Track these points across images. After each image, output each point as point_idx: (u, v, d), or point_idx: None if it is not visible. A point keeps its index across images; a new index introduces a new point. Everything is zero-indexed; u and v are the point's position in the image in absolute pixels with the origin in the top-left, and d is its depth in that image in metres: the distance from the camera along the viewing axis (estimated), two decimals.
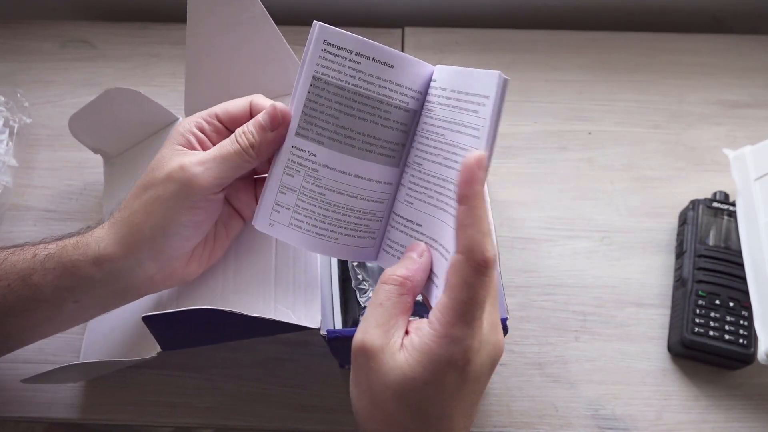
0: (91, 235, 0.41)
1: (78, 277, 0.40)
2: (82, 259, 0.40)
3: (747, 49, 0.69)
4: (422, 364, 0.32)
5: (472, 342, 0.32)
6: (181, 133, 0.41)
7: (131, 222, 0.40)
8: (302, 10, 0.72)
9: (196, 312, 0.37)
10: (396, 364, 0.33)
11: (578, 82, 0.67)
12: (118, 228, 0.40)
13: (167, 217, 0.39)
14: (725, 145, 0.60)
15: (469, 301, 0.32)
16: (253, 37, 0.49)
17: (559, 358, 0.52)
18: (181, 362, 0.51)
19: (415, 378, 0.32)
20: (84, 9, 0.75)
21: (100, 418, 0.50)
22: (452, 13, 0.73)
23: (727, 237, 0.54)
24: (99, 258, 0.40)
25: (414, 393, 0.33)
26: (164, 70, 0.67)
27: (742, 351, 0.49)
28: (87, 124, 0.54)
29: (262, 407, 0.50)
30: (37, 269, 0.40)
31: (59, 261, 0.40)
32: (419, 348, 0.33)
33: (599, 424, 0.50)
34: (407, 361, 0.33)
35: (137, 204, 0.40)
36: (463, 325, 0.32)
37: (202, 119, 0.42)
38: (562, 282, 0.55)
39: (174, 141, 0.41)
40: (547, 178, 0.61)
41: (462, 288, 0.32)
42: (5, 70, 0.67)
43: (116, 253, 0.40)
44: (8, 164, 0.58)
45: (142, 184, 0.40)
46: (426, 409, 0.33)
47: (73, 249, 0.40)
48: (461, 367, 0.32)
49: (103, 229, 0.41)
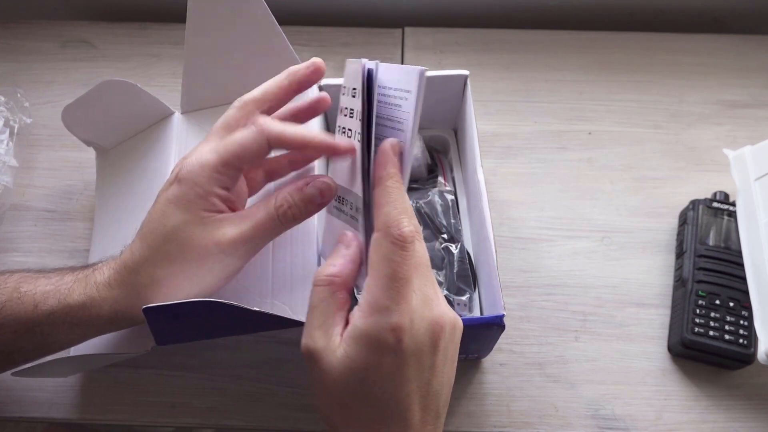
0: (98, 294, 0.39)
1: (91, 329, 0.41)
2: (95, 319, 0.39)
3: (747, 49, 0.69)
4: (357, 350, 0.33)
5: (401, 318, 0.32)
6: (201, 195, 0.38)
7: (157, 289, 0.38)
8: (302, 10, 0.72)
9: (198, 304, 0.37)
10: (338, 359, 0.33)
11: (578, 82, 0.67)
12: (137, 292, 0.38)
13: (204, 286, 0.39)
14: (725, 145, 0.60)
15: (392, 276, 0.33)
16: (253, 33, 0.48)
17: (559, 358, 0.52)
18: (181, 362, 0.51)
19: (355, 365, 0.33)
20: (84, 9, 0.75)
21: (100, 418, 0.50)
22: (452, 13, 0.73)
23: (727, 237, 0.54)
24: (114, 318, 0.39)
25: (358, 380, 0.33)
26: (164, 70, 0.67)
27: (742, 351, 0.49)
28: (80, 117, 0.53)
29: (262, 407, 0.50)
30: (44, 322, 0.39)
31: (66, 319, 0.39)
32: (352, 334, 0.33)
33: (599, 424, 0.50)
34: (346, 351, 0.33)
35: (162, 273, 0.38)
36: (387, 300, 0.32)
37: (220, 174, 0.38)
38: (562, 282, 0.55)
39: (194, 204, 0.38)
40: (547, 178, 0.61)
41: (381, 263, 0.33)
42: (5, 70, 0.67)
43: (136, 314, 0.38)
44: (8, 164, 0.58)
45: (164, 253, 0.38)
46: (374, 393, 0.33)
47: (81, 310, 0.39)
48: (394, 346, 0.32)
49: (113, 290, 0.39)
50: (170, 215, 0.38)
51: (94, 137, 0.55)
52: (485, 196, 0.47)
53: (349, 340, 0.33)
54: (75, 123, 0.53)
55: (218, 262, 0.38)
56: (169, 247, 0.38)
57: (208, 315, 0.39)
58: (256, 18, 0.48)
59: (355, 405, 0.34)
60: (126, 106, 0.52)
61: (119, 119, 0.54)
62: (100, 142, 0.56)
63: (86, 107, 0.52)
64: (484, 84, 0.66)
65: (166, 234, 0.38)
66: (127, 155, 0.55)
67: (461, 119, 0.55)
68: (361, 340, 0.33)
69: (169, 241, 0.38)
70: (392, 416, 0.34)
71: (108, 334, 0.46)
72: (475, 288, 0.50)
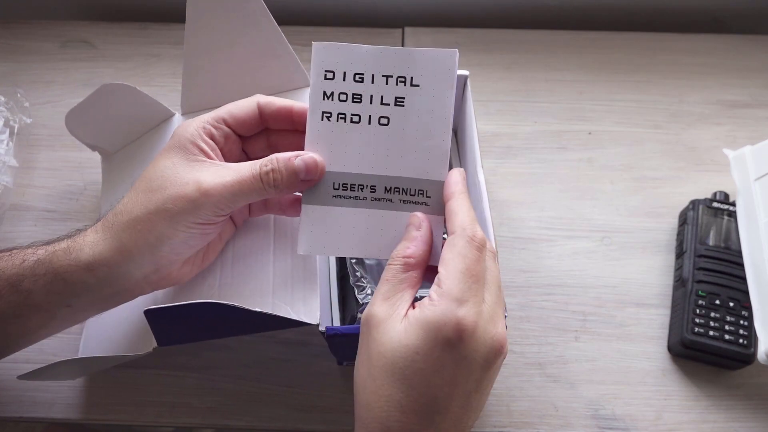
0: (83, 239, 0.40)
1: (70, 282, 0.39)
2: (74, 265, 0.39)
3: (747, 49, 0.69)
4: (416, 332, 0.33)
5: (467, 316, 0.32)
6: (190, 140, 0.39)
7: (133, 228, 0.39)
8: (302, 10, 0.72)
9: (199, 306, 0.37)
10: (395, 333, 0.33)
11: (578, 82, 0.67)
12: (116, 233, 0.39)
13: (176, 229, 0.38)
14: (725, 145, 0.60)
15: (465, 271, 0.33)
16: (251, 33, 0.48)
17: (559, 358, 0.52)
18: (181, 362, 0.51)
19: (408, 346, 0.33)
20: (84, 9, 0.75)
21: (100, 418, 0.50)
22: (452, 13, 0.73)
23: (727, 237, 0.54)
24: (93, 263, 0.39)
25: (403, 361, 0.33)
26: (164, 70, 0.67)
27: (742, 351, 0.49)
28: (84, 121, 0.53)
29: (262, 407, 0.50)
30: (27, 275, 0.39)
31: (50, 267, 0.39)
32: (417, 316, 0.33)
33: (599, 424, 0.50)
34: (405, 329, 0.33)
35: (140, 210, 0.39)
36: (458, 292, 0.33)
37: (209, 124, 0.40)
38: (562, 282, 0.55)
39: (182, 149, 0.39)
40: (547, 178, 0.61)
41: (456, 259, 0.34)
42: (5, 70, 0.67)
43: (112, 258, 0.39)
44: (8, 164, 0.58)
45: (147, 190, 0.39)
46: (412, 380, 0.33)
47: (64, 254, 0.39)
48: (453, 342, 0.32)
49: (97, 233, 0.40)
50: (159, 161, 0.40)
51: (98, 141, 0.55)
52: (486, 196, 0.47)
53: (412, 320, 0.33)
54: (78, 127, 0.54)
55: (194, 205, 0.38)
56: (151, 184, 0.39)
57: (209, 316, 0.39)
58: (255, 18, 0.48)
59: (388, 385, 0.33)
60: (127, 109, 0.53)
61: (121, 122, 0.54)
62: (104, 146, 0.56)
63: (88, 111, 0.52)
64: (484, 84, 0.66)
65: (152, 175, 0.39)
66: (130, 158, 0.55)
67: (461, 119, 0.55)
68: (423, 324, 0.33)
69: (153, 179, 0.39)
70: (422, 412, 0.33)
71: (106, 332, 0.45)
72: None
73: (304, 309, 0.42)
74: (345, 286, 0.49)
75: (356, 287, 0.47)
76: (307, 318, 0.41)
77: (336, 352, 0.47)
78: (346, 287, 0.49)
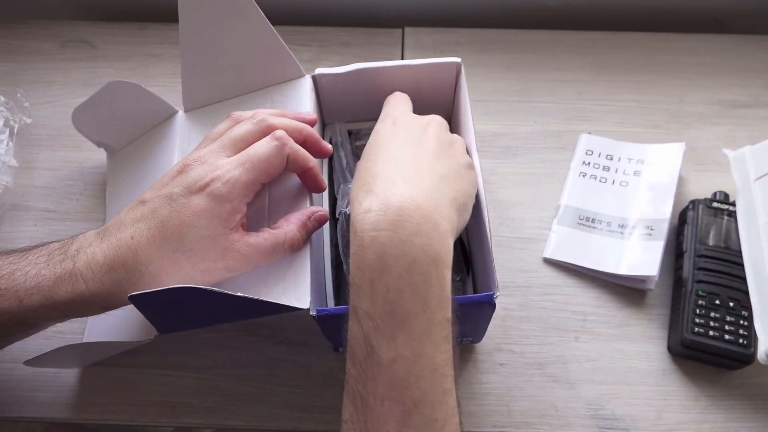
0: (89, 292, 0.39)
1: (79, 316, 0.41)
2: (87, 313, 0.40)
3: (747, 49, 0.69)
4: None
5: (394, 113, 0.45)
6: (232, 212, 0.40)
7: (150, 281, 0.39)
8: (302, 10, 0.72)
9: (181, 290, 0.37)
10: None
11: (578, 82, 0.67)
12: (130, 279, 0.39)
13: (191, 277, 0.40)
14: (725, 145, 0.60)
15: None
16: (241, 27, 0.49)
17: (559, 358, 0.52)
18: (181, 362, 0.51)
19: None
20: (84, 9, 0.75)
21: (100, 418, 0.50)
22: (452, 13, 0.73)
23: (727, 237, 0.54)
24: (109, 308, 0.40)
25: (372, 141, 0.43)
26: (164, 70, 0.67)
27: (742, 351, 0.49)
28: (90, 118, 0.54)
29: (262, 407, 0.50)
30: (29, 316, 0.39)
31: (55, 313, 0.39)
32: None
33: (599, 424, 0.50)
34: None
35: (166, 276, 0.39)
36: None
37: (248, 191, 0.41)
38: (562, 282, 0.55)
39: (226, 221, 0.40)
40: (547, 178, 0.61)
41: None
42: (5, 70, 0.67)
43: (124, 297, 0.38)
44: (8, 164, 0.58)
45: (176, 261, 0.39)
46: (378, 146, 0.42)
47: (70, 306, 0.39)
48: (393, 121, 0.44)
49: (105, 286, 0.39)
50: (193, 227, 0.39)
51: (103, 138, 0.57)
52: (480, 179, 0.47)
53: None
54: (85, 125, 0.55)
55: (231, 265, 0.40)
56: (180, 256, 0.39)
57: (195, 301, 0.40)
58: (244, 12, 0.48)
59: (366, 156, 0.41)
60: (132, 106, 0.54)
61: (126, 119, 0.55)
62: (109, 143, 0.57)
63: (95, 108, 0.54)
64: (484, 84, 0.66)
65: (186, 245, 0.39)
66: (135, 155, 0.56)
67: (455, 108, 0.55)
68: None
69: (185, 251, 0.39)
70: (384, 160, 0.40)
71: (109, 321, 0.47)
72: (468, 272, 0.50)
73: (296, 294, 0.42)
74: (340, 274, 0.49)
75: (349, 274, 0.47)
76: (297, 302, 0.41)
77: (330, 335, 0.47)
78: (340, 275, 0.49)
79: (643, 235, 0.55)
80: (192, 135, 0.53)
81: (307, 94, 0.51)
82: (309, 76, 0.52)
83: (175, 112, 0.55)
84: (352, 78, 0.51)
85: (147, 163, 0.54)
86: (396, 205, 0.35)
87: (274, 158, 0.41)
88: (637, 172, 0.60)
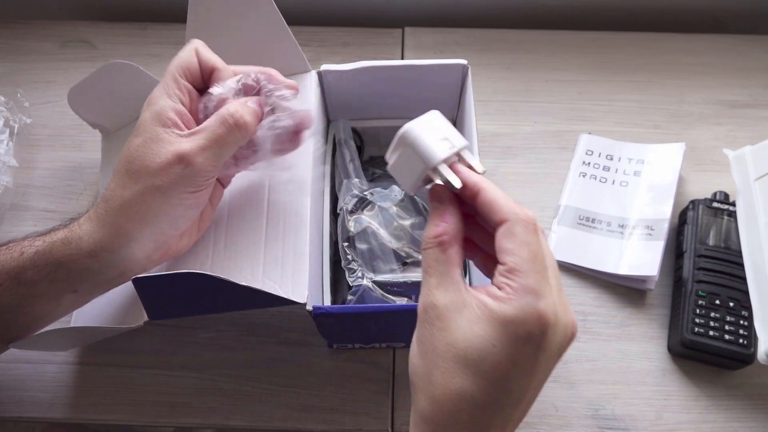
0: (80, 229, 0.41)
1: (74, 270, 0.40)
2: (75, 253, 0.40)
3: (747, 49, 0.69)
4: (494, 326, 0.30)
5: (547, 307, 0.30)
6: (162, 113, 0.41)
7: (128, 211, 0.40)
8: (302, 10, 0.72)
9: (186, 276, 0.38)
10: (465, 323, 0.31)
11: (578, 82, 0.67)
12: (112, 218, 0.40)
13: (171, 204, 0.40)
14: (725, 145, 0.60)
15: (533, 261, 0.31)
16: (252, 16, 0.49)
17: None
18: (181, 362, 0.51)
19: (484, 338, 0.30)
20: (84, 9, 0.75)
21: (100, 418, 0.50)
22: (452, 13, 0.73)
23: (727, 237, 0.54)
24: (95, 251, 0.40)
25: (478, 353, 0.30)
26: (164, 70, 0.66)
27: (742, 351, 0.49)
28: (86, 98, 0.54)
29: (262, 407, 0.50)
30: (28, 267, 0.40)
31: (50, 257, 0.40)
32: (495, 310, 0.31)
33: (599, 424, 0.50)
34: (479, 320, 0.31)
35: (130, 194, 0.40)
36: (534, 282, 0.31)
37: (179, 91, 0.42)
38: (562, 282, 0.55)
39: (157, 123, 0.40)
40: (547, 178, 0.61)
41: (521, 248, 0.31)
42: (5, 70, 0.67)
43: (113, 243, 0.40)
44: (8, 164, 0.58)
45: (130, 171, 0.40)
46: (488, 373, 0.31)
47: (63, 245, 0.40)
48: (538, 338, 0.30)
49: (92, 222, 0.40)
50: (133, 141, 0.41)
51: (98, 119, 0.56)
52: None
53: (488, 313, 0.31)
54: (80, 104, 0.55)
55: (182, 175, 0.39)
56: (133, 165, 0.40)
57: (196, 288, 0.40)
58: (258, 4, 0.48)
59: (462, 377, 0.31)
60: (128, 87, 0.53)
61: (122, 101, 0.55)
62: (104, 125, 0.57)
63: (91, 89, 0.53)
64: (484, 84, 0.66)
65: (131, 156, 0.40)
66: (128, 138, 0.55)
67: (461, 109, 0.55)
68: (502, 319, 0.30)
69: (132, 160, 0.40)
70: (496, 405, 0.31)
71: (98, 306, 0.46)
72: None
73: (293, 287, 0.42)
74: (338, 270, 0.49)
75: (347, 270, 0.48)
76: (295, 296, 0.41)
77: (325, 332, 0.47)
78: (338, 271, 0.49)
79: (643, 235, 0.55)
80: None
81: (312, 89, 0.51)
82: (314, 71, 0.52)
83: None
84: (357, 76, 0.51)
85: None
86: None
87: (183, 53, 0.43)
88: (637, 172, 0.60)
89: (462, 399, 0.31)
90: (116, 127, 0.57)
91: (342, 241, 0.49)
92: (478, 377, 0.30)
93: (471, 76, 0.52)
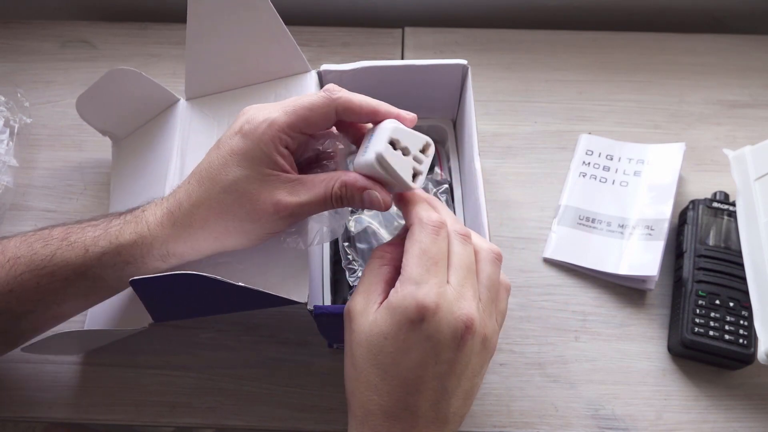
0: (151, 233, 0.41)
1: (143, 270, 0.42)
2: (147, 259, 0.41)
3: (747, 49, 0.69)
4: (384, 318, 0.34)
5: (427, 297, 0.33)
6: (265, 152, 0.38)
7: (209, 234, 0.40)
8: (302, 10, 0.72)
9: (183, 277, 0.38)
10: (368, 322, 0.35)
11: (578, 82, 0.67)
12: (190, 234, 0.40)
13: (249, 240, 0.41)
14: (725, 145, 0.60)
15: (420, 255, 0.35)
16: (251, 18, 0.49)
17: (559, 358, 0.52)
18: (181, 362, 0.51)
19: (377, 331, 0.34)
20: (84, 9, 0.75)
21: (100, 418, 0.50)
22: (452, 13, 0.73)
23: (727, 237, 0.54)
24: (166, 256, 0.41)
25: (377, 347, 0.34)
26: (164, 70, 0.67)
27: (742, 351, 0.49)
28: (93, 105, 0.55)
29: (262, 407, 0.50)
30: (94, 264, 0.41)
31: (117, 260, 0.41)
32: (385, 305, 0.35)
33: (599, 424, 0.50)
34: (376, 317, 0.35)
35: (215, 221, 0.39)
36: (417, 275, 0.34)
37: (285, 134, 0.39)
38: (562, 282, 0.55)
39: (258, 161, 0.38)
40: (547, 178, 0.61)
41: (413, 245, 0.35)
42: (5, 70, 0.67)
43: (185, 254, 0.41)
44: (8, 164, 0.58)
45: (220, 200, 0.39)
46: (384, 363, 0.34)
47: (132, 248, 0.41)
48: (415, 323, 0.33)
49: (165, 229, 0.40)
50: (232, 167, 0.39)
51: (107, 126, 0.57)
52: (481, 182, 0.47)
53: (381, 309, 0.35)
54: (88, 112, 0.55)
55: (268, 222, 0.39)
56: (226, 197, 0.39)
57: (195, 289, 0.40)
58: (254, 4, 0.48)
59: (368, 371, 0.35)
60: (134, 93, 0.54)
61: (128, 107, 0.55)
62: (113, 131, 0.58)
63: (97, 96, 0.54)
64: (484, 84, 0.66)
65: (226, 185, 0.39)
66: (137, 144, 0.56)
67: (461, 109, 0.55)
68: (389, 309, 0.34)
69: (228, 192, 0.39)
70: (394, 393, 0.34)
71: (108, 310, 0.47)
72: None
73: (294, 287, 0.42)
74: (338, 270, 0.49)
75: (347, 270, 0.48)
76: (296, 296, 0.41)
77: (325, 332, 0.47)
78: (339, 271, 0.49)
79: (643, 235, 0.55)
80: (193, 124, 0.53)
81: (312, 89, 0.51)
82: (314, 71, 0.52)
83: (176, 100, 0.55)
84: (358, 76, 0.51)
85: (148, 151, 0.55)
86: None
87: (318, 106, 0.39)
88: (637, 172, 0.60)
89: (369, 389, 0.35)
90: (125, 134, 0.58)
91: (342, 241, 0.49)
92: (378, 367, 0.34)
93: (471, 76, 0.52)
